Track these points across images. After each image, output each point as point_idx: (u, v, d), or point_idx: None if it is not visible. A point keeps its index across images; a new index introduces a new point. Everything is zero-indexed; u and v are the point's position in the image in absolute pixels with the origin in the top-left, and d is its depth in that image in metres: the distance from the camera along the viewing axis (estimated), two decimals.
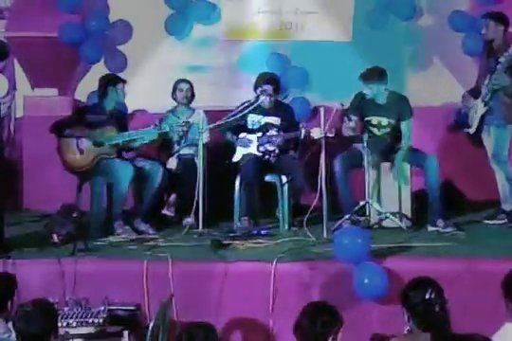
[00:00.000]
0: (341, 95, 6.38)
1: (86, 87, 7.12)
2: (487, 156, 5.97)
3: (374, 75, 5.91)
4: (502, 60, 5.77)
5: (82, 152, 5.96)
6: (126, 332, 4.39)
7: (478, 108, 5.92)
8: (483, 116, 5.91)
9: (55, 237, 5.34)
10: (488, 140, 5.99)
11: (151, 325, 4.09)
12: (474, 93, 6.00)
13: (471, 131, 6.02)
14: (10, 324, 3.57)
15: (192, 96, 6.51)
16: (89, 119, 6.05)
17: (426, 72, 7.23)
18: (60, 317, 4.22)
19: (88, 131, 5.97)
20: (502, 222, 5.91)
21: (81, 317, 4.33)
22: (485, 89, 5.86)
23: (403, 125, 5.99)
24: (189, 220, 5.81)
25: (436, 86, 7.02)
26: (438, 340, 3.43)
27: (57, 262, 4.89)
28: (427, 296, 3.48)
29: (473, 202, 6.52)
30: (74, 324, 4.33)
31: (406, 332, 3.57)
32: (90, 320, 4.34)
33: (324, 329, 3.41)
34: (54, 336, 3.43)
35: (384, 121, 6.04)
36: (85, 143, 5.95)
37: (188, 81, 6.50)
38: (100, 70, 7.04)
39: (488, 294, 4.60)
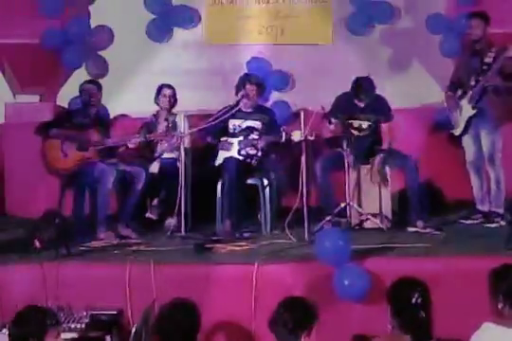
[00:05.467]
0: (322, 98, 6.43)
1: (68, 93, 7.13)
2: (465, 158, 6.05)
3: (368, 87, 5.90)
4: (487, 60, 5.80)
5: (65, 155, 5.97)
6: (108, 337, 4.40)
7: (464, 109, 5.94)
8: (469, 118, 5.94)
9: (37, 242, 5.34)
10: (470, 142, 6.02)
11: (133, 330, 4.10)
12: (456, 92, 6.03)
13: (457, 132, 6.04)
14: None
15: (175, 101, 6.53)
16: (73, 122, 6.07)
17: (405, 74, 7.29)
18: None
19: (73, 134, 6.00)
20: (478, 221, 5.98)
21: (63, 322, 4.34)
22: (472, 91, 5.88)
23: (383, 127, 6.04)
24: (171, 221, 5.81)
25: (415, 88, 7.08)
26: None
27: (39, 268, 4.88)
28: (413, 301, 3.46)
29: (451, 202, 6.56)
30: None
31: (389, 330, 3.57)
32: (72, 325, 4.36)
33: (297, 324, 3.44)
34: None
35: (365, 124, 6.08)
36: (69, 146, 5.96)
37: (171, 87, 6.51)
38: (81, 76, 7.06)
39: (468, 293, 4.64)
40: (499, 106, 5.87)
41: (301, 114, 5.68)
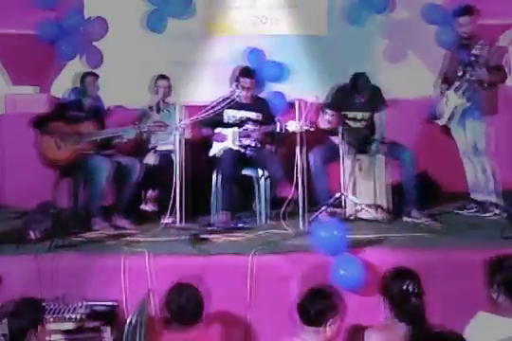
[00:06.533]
0: (317, 88, 6.42)
1: (62, 84, 7.12)
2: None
3: (365, 83, 5.92)
4: (475, 52, 5.81)
5: (60, 147, 5.96)
6: (104, 328, 4.41)
7: (449, 99, 5.97)
8: (455, 108, 5.96)
9: (32, 233, 5.33)
10: (460, 132, 6.05)
11: (129, 320, 4.10)
12: (445, 83, 6.05)
13: (441, 122, 6.07)
14: None
15: (170, 92, 6.52)
16: (68, 115, 6.07)
17: (400, 65, 7.27)
18: None
19: (68, 126, 5.98)
20: (473, 211, 6.00)
21: (59, 313, 4.34)
22: (459, 81, 5.90)
23: (376, 116, 6.05)
24: (168, 221, 5.80)
25: (411, 79, 7.05)
26: (413, 331, 3.47)
27: (34, 259, 4.88)
28: (404, 288, 3.51)
29: (446, 193, 6.57)
30: (52, 320, 4.34)
31: (383, 320, 3.60)
32: (68, 316, 4.37)
33: (323, 312, 3.55)
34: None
35: (360, 115, 6.10)
36: (64, 138, 5.96)
37: (166, 77, 6.51)
38: (76, 67, 7.04)
39: (464, 283, 4.66)
40: (483, 97, 5.88)
41: (297, 104, 5.67)
